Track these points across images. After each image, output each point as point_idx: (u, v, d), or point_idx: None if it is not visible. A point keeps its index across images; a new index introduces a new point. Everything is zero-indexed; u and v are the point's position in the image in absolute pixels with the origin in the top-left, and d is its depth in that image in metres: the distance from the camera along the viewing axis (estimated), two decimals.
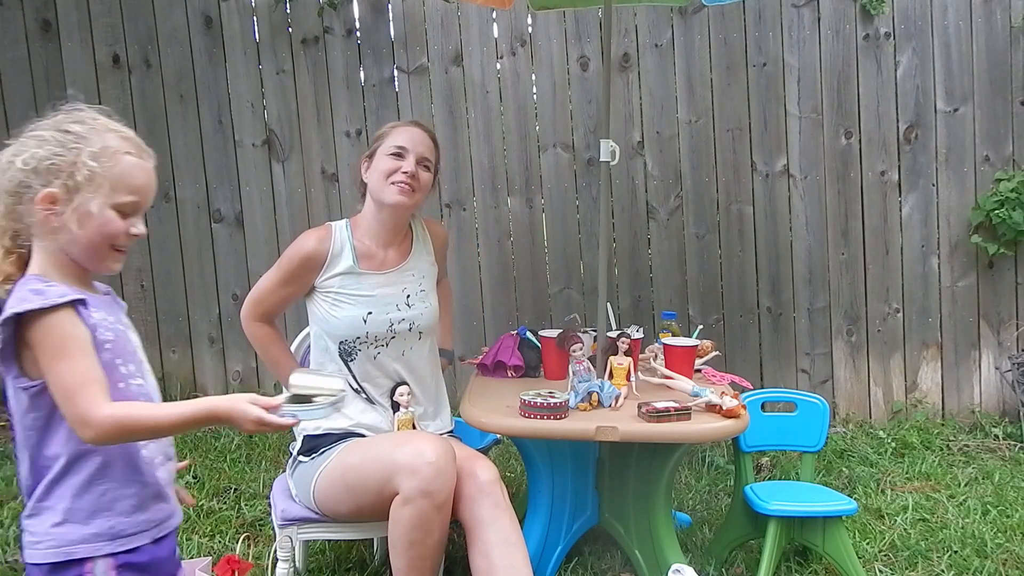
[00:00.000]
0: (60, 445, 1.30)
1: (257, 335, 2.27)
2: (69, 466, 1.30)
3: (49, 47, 4.08)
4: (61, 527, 1.30)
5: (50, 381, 1.26)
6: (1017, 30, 3.78)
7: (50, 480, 1.31)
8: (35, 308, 1.24)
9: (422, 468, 1.86)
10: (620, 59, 3.92)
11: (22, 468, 1.34)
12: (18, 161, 1.36)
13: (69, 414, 1.26)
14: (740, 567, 2.51)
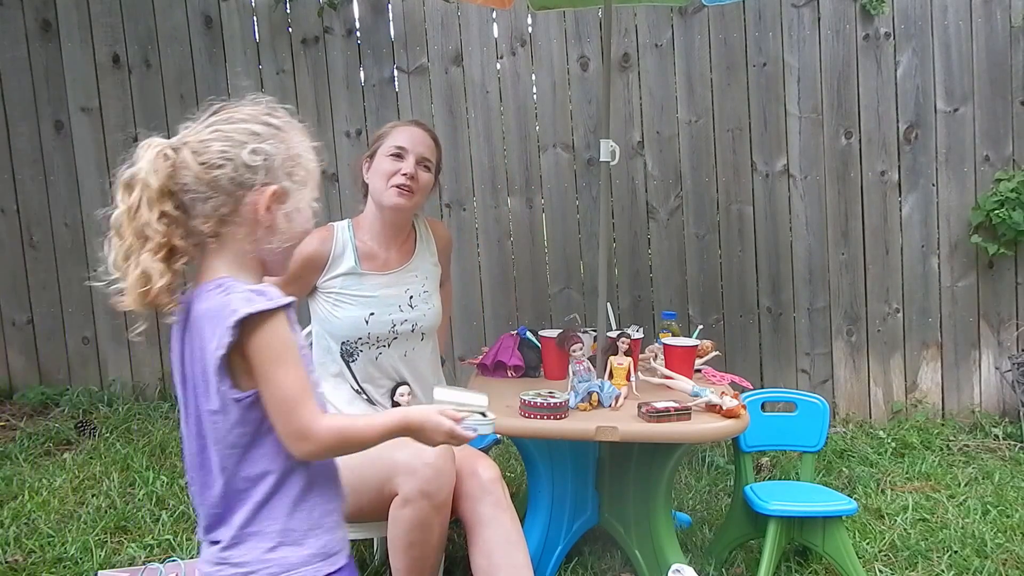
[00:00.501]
0: (268, 462, 1.21)
1: None
2: (279, 484, 1.22)
3: (49, 47, 4.08)
4: (276, 551, 1.21)
5: (268, 391, 1.18)
6: (1017, 30, 3.78)
7: (257, 502, 1.21)
8: (265, 309, 1.16)
9: (421, 469, 1.86)
10: (620, 59, 3.92)
11: (210, 493, 1.23)
12: (244, 153, 1.20)
13: (286, 426, 1.18)
14: (740, 567, 2.51)
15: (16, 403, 4.11)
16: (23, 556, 2.57)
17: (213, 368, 1.17)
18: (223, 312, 1.16)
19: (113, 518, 2.81)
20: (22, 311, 4.20)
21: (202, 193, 1.19)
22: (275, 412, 1.18)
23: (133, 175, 1.19)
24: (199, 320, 1.20)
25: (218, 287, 1.20)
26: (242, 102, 1.26)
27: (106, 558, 2.55)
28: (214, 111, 1.24)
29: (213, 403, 1.19)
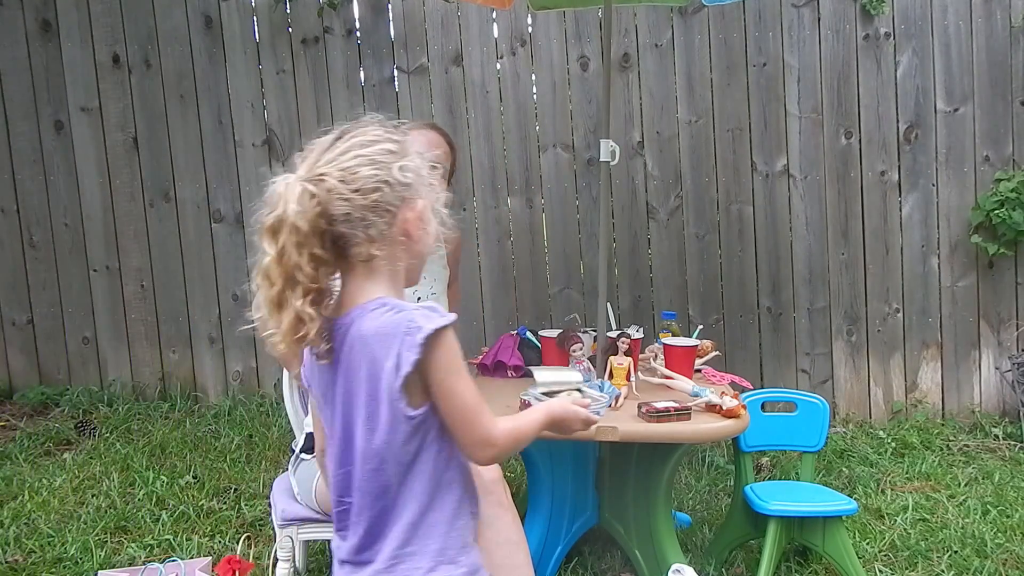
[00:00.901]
0: (427, 479, 1.21)
1: None
2: (437, 502, 1.22)
3: (49, 47, 4.08)
4: (436, 572, 1.21)
5: (450, 403, 1.19)
6: (1017, 30, 3.78)
7: (411, 521, 1.21)
8: (446, 324, 1.17)
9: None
10: (620, 59, 3.92)
11: (369, 514, 1.22)
12: (395, 171, 1.20)
13: (471, 435, 1.20)
14: (740, 567, 2.51)
15: (16, 403, 4.11)
16: (23, 556, 2.57)
17: (394, 386, 1.17)
18: (400, 330, 1.16)
19: (113, 518, 2.81)
20: (22, 311, 4.20)
21: (360, 220, 1.18)
22: (459, 423, 1.20)
23: (280, 219, 1.15)
24: (366, 341, 1.18)
25: (383, 306, 1.19)
26: (358, 123, 1.24)
27: (106, 558, 2.55)
28: (337, 136, 1.22)
29: (383, 423, 1.19)
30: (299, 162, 1.21)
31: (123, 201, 4.14)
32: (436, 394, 1.19)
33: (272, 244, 1.15)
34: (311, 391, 1.31)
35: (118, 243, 4.15)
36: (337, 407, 1.23)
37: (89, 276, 4.17)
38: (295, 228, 1.14)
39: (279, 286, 1.15)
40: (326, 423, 1.28)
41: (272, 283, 1.15)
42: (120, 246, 4.15)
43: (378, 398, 1.18)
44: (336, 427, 1.24)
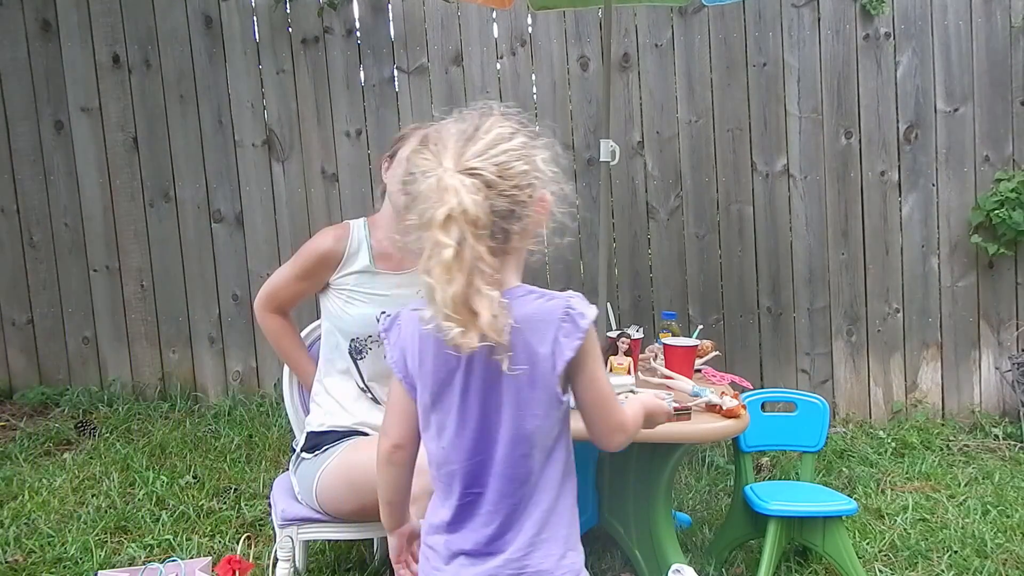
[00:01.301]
0: (560, 465, 1.25)
1: (271, 327, 2.27)
2: (563, 487, 1.25)
3: (49, 47, 4.08)
4: (566, 559, 1.24)
5: (594, 389, 1.22)
6: (1017, 30, 3.78)
7: (547, 508, 1.23)
8: (596, 312, 1.20)
9: (427, 468, 1.86)
10: (620, 59, 3.92)
11: (508, 502, 1.23)
12: (540, 164, 1.23)
13: (607, 421, 1.24)
14: (740, 567, 2.51)
15: (16, 403, 4.11)
16: (23, 556, 2.57)
17: (554, 372, 1.19)
18: (556, 316, 1.19)
19: (113, 518, 2.81)
20: (22, 311, 4.20)
21: (514, 213, 1.18)
22: (598, 409, 1.23)
23: (452, 211, 1.13)
24: (518, 328, 1.18)
25: (530, 293, 1.22)
26: (484, 112, 1.23)
27: (106, 558, 2.55)
28: (475, 128, 1.20)
29: (537, 409, 1.21)
30: (433, 152, 1.19)
31: (123, 201, 4.14)
32: (581, 380, 1.22)
33: (449, 237, 1.13)
34: (405, 383, 1.29)
35: (118, 243, 4.15)
36: (472, 395, 1.22)
37: (89, 276, 4.17)
38: (475, 220, 1.13)
39: (463, 279, 1.13)
40: (440, 413, 1.25)
41: (452, 280, 1.13)
42: (120, 246, 4.15)
43: (534, 383, 1.20)
44: (469, 415, 1.23)
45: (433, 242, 1.13)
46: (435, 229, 1.13)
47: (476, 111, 1.23)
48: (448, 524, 1.27)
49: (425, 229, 1.15)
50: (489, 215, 1.15)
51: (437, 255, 1.13)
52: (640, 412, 1.35)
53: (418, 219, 1.16)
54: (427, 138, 1.24)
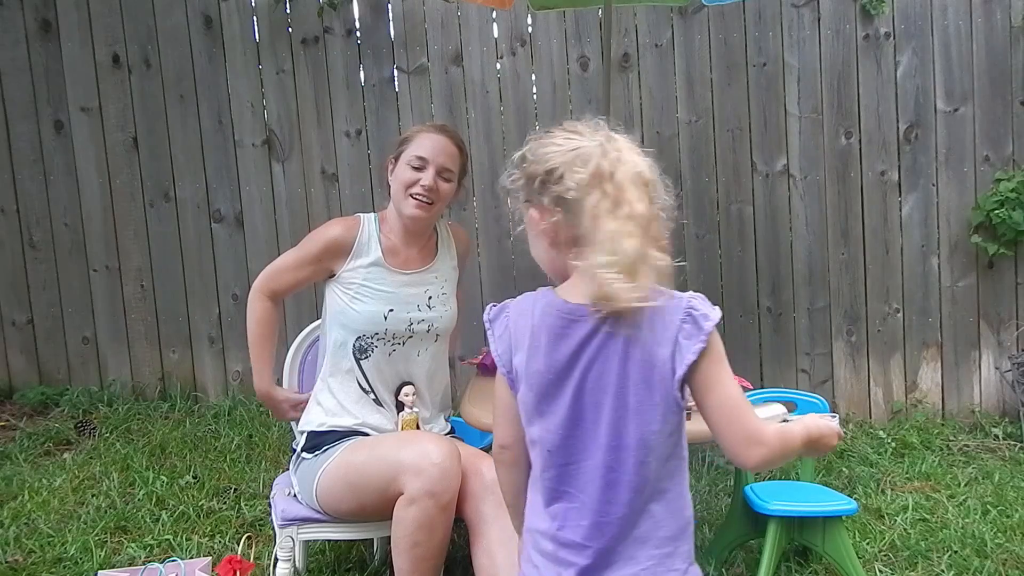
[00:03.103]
0: (679, 474, 1.21)
1: (258, 310, 2.23)
2: (682, 498, 1.21)
3: (49, 47, 4.08)
4: (689, 571, 1.21)
5: (719, 394, 1.15)
6: (1017, 30, 3.78)
7: (663, 518, 1.18)
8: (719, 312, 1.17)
9: (428, 469, 1.87)
10: (620, 59, 3.91)
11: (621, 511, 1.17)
12: (645, 167, 1.26)
13: (739, 430, 1.14)
14: (740, 567, 2.51)
15: (16, 403, 4.11)
16: (23, 556, 2.57)
17: (675, 375, 1.14)
18: (677, 316, 1.15)
19: (113, 518, 2.81)
20: (22, 311, 4.20)
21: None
22: (725, 416, 1.15)
23: (638, 169, 1.21)
24: (639, 325, 1.14)
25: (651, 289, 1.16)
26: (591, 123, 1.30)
27: (106, 558, 2.55)
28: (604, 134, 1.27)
29: (656, 412, 1.16)
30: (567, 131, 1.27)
31: (123, 201, 4.14)
32: (703, 384, 1.15)
33: (634, 191, 1.17)
34: (508, 379, 1.25)
35: (118, 243, 4.15)
36: (585, 396, 1.17)
37: (89, 276, 4.17)
38: (648, 182, 1.19)
39: (640, 236, 1.14)
40: (548, 414, 1.20)
41: (634, 231, 1.14)
42: (120, 246, 4.15)
43: (653, 387, 1.15)
44: (580, 418, 1.18)
45: (614, 196, 1.15)
46: (619, 183, 1.16)
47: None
48: (555, 534, 1.20)
49: (593, 186, 1.16)
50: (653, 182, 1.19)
51: (623, 208, 1.14)
52: (799, 433, 1.20)
53: (584, 174, 1.17)
54: (548, 131, 1.30)
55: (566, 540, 1.19)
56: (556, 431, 1.19)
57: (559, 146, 1.23)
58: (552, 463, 1.20)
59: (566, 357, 1.18)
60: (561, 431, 1.19)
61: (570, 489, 1.19)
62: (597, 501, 1.17)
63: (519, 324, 1.24)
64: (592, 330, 1.17)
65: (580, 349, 1.17)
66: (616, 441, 1.16)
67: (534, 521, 1.25)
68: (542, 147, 1.25)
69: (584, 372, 1.17)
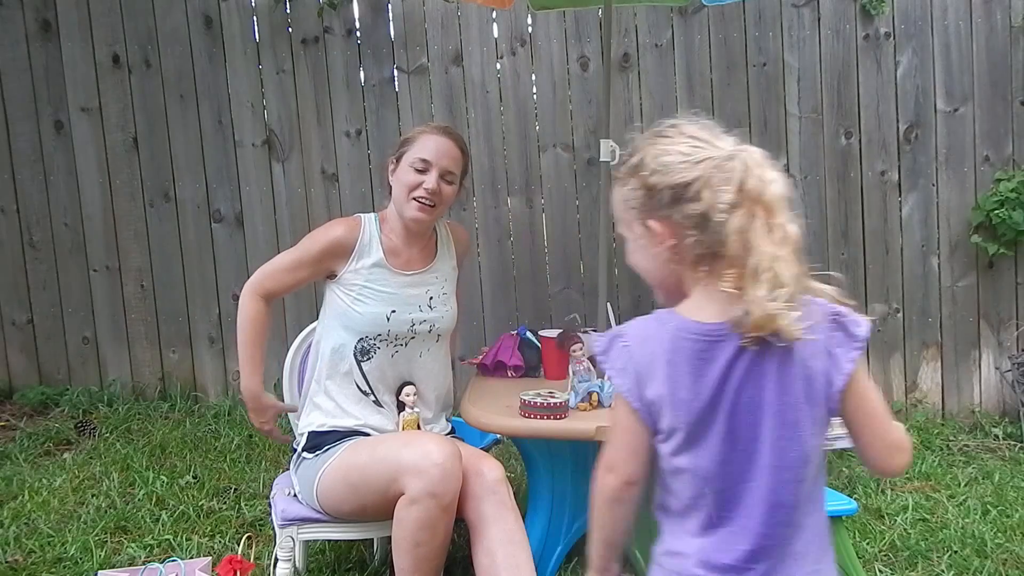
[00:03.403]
0: (822, 488, 1.19)
1: (250, 310, 2.19)
2: (824, 512, 1.19)
3: (49, 47, 4.08)
4: None
5: (867, 403, 1.12)
6: (1017, 30, 3.78)
7: (814, 536, 1.16)
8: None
9: (429, 469, 1.87)
10: (620, 59, 3.92)
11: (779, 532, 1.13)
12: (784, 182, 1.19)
13: (884, 439, 1.13)
14: None
15: (16, 403, 4.11)
16: (23, 556, 2.57)
17: (834, 388, 1.11)
18: (828, 325, 1.11)
19: (113, 518, 2.81)
20: (22, 311, 4.20)
21: None
22: (874, 425, 1.13)
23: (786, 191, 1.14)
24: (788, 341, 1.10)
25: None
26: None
27: (106, 558, 2.55)
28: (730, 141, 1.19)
29: (813, 430, 1.12)
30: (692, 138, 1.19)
31: (123, 201, 4.14)
32: (857, 394, 1.12)
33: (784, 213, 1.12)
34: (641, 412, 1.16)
35: (118, 243, 4.15)
36: (740, 417, 1.12)
37: (89, 276, 4.17)
38: (787, 201, 1.14)
39: (795, 264, 1.11)
40: (699, 439, 1.14)
41: (794, 257, 1.11)
42: (120, 246, 4.15)
43: (812, 400, 1.11)
44: (735, 439, 1.13)
45: (765, 219, 1.09)
46: (768, 205, 1.10)
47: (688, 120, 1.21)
48: (708, 558, 1.16)
49: (740, 207, 1.09)
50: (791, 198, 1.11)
51: (777, 231, 1.10)
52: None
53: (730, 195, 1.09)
54: (663, 133, 1.21)
55: (721, 565, 1.15)
56: (711, 458, 1.14)
57: (686, 156, 1.14)
58: (706, 490, 1.15)
59: (715, 381, 1.12)
60: (717, 457, 1.14)
61: (728, 514, 1.15)
62: (760, 524, 1.13)
63: (644, 352, 1.16)
64: (738, 349, 1.11)
65: (728, 371, 1.12)
66: (778, 461, 1.12)
67: (677, 545, 1.20)
68: (665, 155, 1.16)
69: (736, 394, 1.12)
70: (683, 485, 1.18)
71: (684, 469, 1.16)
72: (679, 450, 1.16)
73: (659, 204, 1.14)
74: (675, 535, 1.20)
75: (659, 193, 1.15)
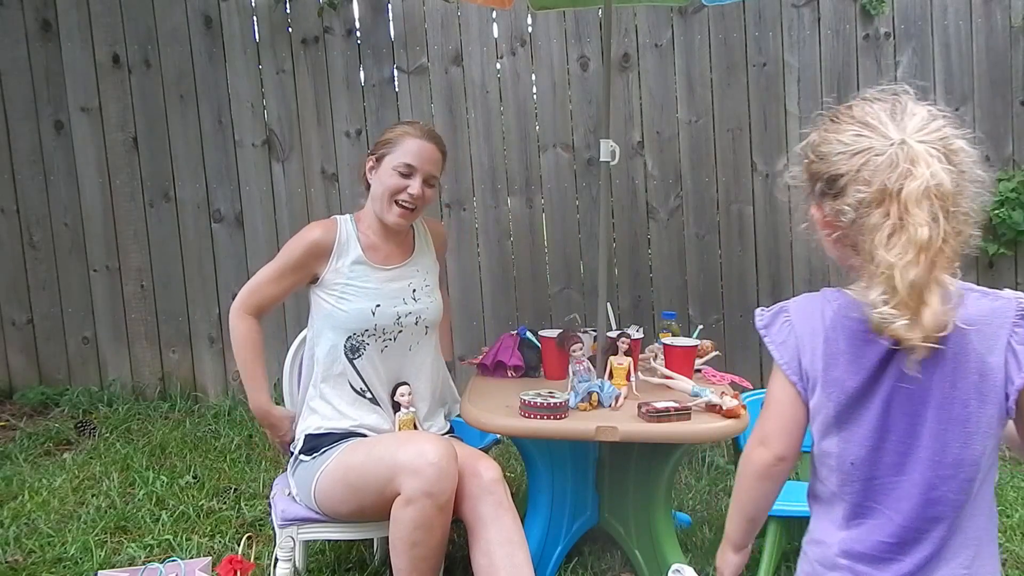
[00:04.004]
0: (991, 488, 1.19)
1: (243, 330, 2.21)
2: (992, 515, 1.20)
3: (49, 47, 4.08)
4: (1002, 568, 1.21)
5: None
6: (1017, 30, 3.78)
7: (979, 541, 1.15)
8: None
9: (424, 469, 1.86)
10: (620, 59, 3.92)
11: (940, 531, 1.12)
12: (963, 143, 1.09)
13: None
14: None
15: (16, 403, 4.12)
16: (23, 556, 2.57)
17: (1013, 386, 1.07)
18: (1009, 319, 1.07)
19: (113, 518, 2.81)
20: (22, 311, 4.20)
21: (963, 194, 1.06)
22: None
23: (927, 184, 1.02)
24: (964, 332, 1.06)
25: (972, 290, 1.09)
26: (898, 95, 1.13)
27: (106, 558, 2.55)
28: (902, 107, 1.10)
29: (986, 428, 1.11)
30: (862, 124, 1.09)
31: (123, 201, 4.14)
32: None
33: (922, 213, 1.02)
34: (799, 386, 1.17)
35: (118, 243, 4.15)
36: (897, 406, 1.10)
37: (89, 276, 4.17)
38: (947, 195, 1.03)
39: (927, 263, 1.02)
40: (851, 423, 1.13)
41: (918, 260, 1.01)
42: (120, 246, 4.15)
43: (984, 398, 1.08)
44: (892, 430, 1.11)
45: (897, 218, 1.03)
46: (904, 203, 1.02)
47: (881, 92, 1.12)
48: (851, 548, 1.14)
49: (876, 205, 1.04)
50: (954, 193, 1.04)
51: (904, 233, 1.02)
52: None
53: (867, 193, 1.05)
54: (839, 115, 1.13)
55: (864, 555, 1.14)
56: (860, 443, 1.13)
57: (846, 146, 1.09)
58: (854, 476, 1.15)
59: (874, 364, 1.10)
60: (867, 443, 1.12)
61: (876, 505, 1.14)
62: (911, 519, 1.11)
63: (804, 328, 1.17)
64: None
65: (890, 357, 1.09)
66: (940, 457, 1.10)
67: (821, 534, 1.20)
68: (826, 143, 1.12)
69: (896, 381, 1.10)
70: (830, 471, 1.17)
71: (831, 453, 1.16)
72: (826, 431, 1.16)
73: (816, 193, 1.15)
74: (821, 523, 1.20)
75: (816, 182, 1.14)
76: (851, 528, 1.15)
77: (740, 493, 1.26)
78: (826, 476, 1.18)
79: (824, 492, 1.20)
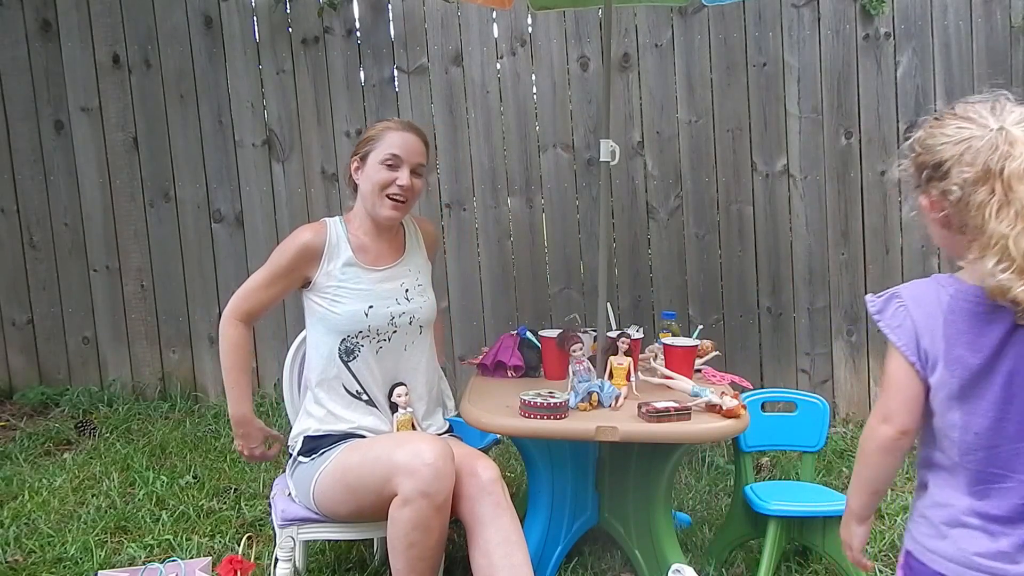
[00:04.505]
0: None
1: (232, 336, 2.25)
2: None
3: (49, 47, 4.08)
4: None
5: None
6: (1017, 30, 3.78)
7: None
8: None
9: (420, 469, 1.86)
10: (620, 59, 3.92)
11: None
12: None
13: None
14: (740, 567, 2.51)
15: (16, 403, 4.12)
16: (23, 556, 2.57)
17: None
18: None
19: (113, 518, 2.81)
20: (22, 311, 4.20)
21: None
22: None
23: None
24: None
25: None
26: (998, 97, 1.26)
27: (106, 558, 2.55)
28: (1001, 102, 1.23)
29: None
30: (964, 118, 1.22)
31: (123, 201, 4.14)
32: None
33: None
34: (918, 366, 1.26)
35: (118, 243, 4.15)
36: (1019, 377, 1.20)
37: (89, 276, 4.17)
38: None
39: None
40: (973, 398, 1.23)
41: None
42: (120, 246, 4.15)
43: None
44: (1015, 399, 1.20)
45: (1003, 193, 1.15)
46: (1007, 181, 1.15)
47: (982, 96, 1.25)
48: (981, 509, 1.24)
49: (981, 183, 1.16)
50: None
51: (1012, 207, 1.14)
52: None
53: (971, 173, 1.17)
54: (943, 114, 1.26)
55: (995, 516, 1.23)
56: (984, 414, 1.22)
57: (949, 137, 1.22)
58: (978, 445, 1.23)
59: (996, 341, 1.20)
60: (991, 413, 1.22)
61: (1000, 471, 1.23)
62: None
63: (920, 312, 1.26)
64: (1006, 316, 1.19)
65: (1011, 332, 1.19)
66: None
67: (945, 499, 1.28)
68: (932, 137, 1.25)
69: (1019, 355, 1.19)
70: (952, 443, 1.25)
71: (955, 425, 1.24)
72: (948, 406, 1.24)
73: (924, 181, 1.26)
74: (943, 491, 1.28)
75: (923, 171, 1.26)
76: (976, 493, 1.24)
77: (864, 469, 1.36)
78: (948, 447, 1.27)
79: (945, 461, 1.28)
